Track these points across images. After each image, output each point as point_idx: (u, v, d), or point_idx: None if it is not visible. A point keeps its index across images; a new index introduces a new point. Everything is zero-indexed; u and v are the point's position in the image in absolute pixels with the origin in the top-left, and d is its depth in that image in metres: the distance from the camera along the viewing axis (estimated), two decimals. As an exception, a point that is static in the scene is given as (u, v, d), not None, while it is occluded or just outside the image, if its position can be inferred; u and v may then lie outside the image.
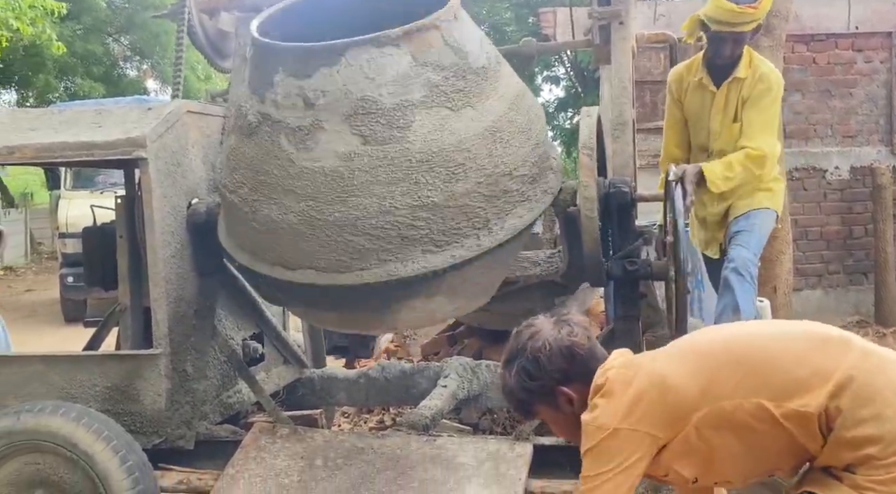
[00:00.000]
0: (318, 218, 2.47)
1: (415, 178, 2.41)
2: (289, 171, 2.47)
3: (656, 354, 1.88)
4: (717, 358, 1.75)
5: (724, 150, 3.51)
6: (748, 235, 3.41)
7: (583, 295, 4.75)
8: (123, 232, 3.11)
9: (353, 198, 2.42)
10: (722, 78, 3.49)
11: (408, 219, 2.43)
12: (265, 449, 2.89)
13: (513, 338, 1.87)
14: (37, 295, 12.24)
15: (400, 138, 2.39)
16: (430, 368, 3.68)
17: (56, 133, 2.90)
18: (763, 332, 1.90)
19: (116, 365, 2.89)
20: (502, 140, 2.52)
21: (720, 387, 1.69)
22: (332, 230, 2.47)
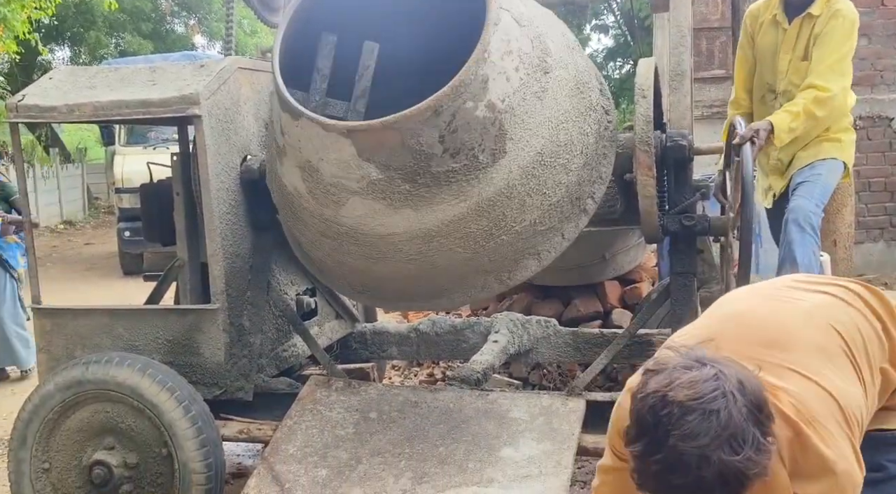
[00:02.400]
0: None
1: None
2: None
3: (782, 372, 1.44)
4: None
5: (790, 91, 3.40)
6: (811, 186, 3.29)
7: (635, 251, 4.69)
8: (180, 189, 3.16)
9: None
10: (796, 14, 3.38)
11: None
12: (321, 402, 2.95)
13: (668, 408, 1.28)
14: (95, 248, 12.62)
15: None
16: (481, 323, 3.70)
17: (113, 91, 2.93)
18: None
19: (177, 318, 2.97)
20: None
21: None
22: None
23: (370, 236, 2.50)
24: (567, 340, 3.58)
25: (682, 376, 1.28)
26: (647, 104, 2.52)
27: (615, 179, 2.77)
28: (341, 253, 2.64)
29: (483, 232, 2.47)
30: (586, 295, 4.72)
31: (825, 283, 1.66)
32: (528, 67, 2.38)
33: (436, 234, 2.45)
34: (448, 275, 2.61)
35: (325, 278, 3.09)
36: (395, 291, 2.81)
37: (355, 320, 3.86)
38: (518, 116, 2.37)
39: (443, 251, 2.49)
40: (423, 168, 2.35)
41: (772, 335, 1.48)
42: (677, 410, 1.25)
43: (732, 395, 1.26)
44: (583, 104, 2.56)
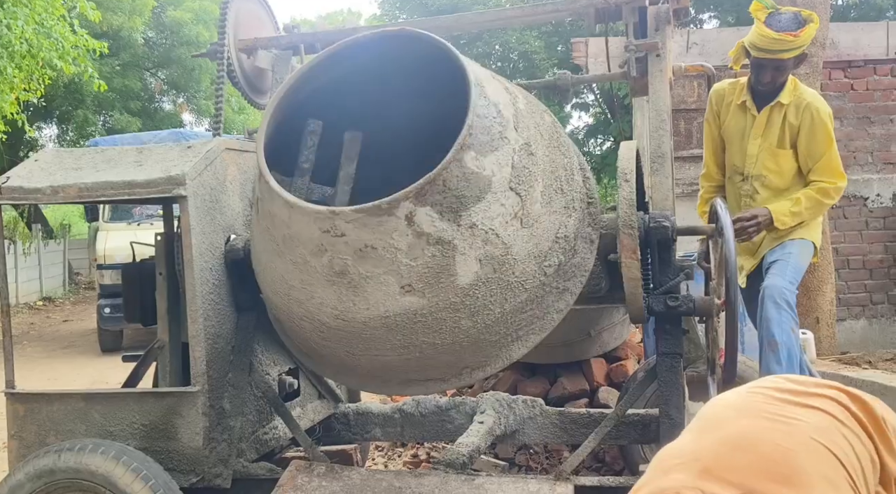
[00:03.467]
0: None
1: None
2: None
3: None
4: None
5: (764, 175, 3.53)
6: (784, 264, 3.38)
7: (620, 328, 4.68)
8: (163, 269, 3.14)
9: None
10: (764, 102, 3.52)
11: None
12: (302, 488, 2.86)
13: None
14: (74, 325, 12.43)
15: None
16: (466, 403, 3.64)
17: (98, 172, 2.95)
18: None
19: (155, 402, 2.89)
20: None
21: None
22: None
23: (351, 324, 2.48)
24: (554, 421, 3.53)
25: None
26: (629, 188, 2.56)
27: (599, 259, 2.79)
28: (334, 342, 2.61)
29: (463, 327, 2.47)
30: (572, 373, 4.68)
31: (814, 394, 1.53)
32: (513, 182, 2.42)
33: (417, 324, 2.44)
34: (433, 363, 2.59)
35: (313, 365, 3.06)
36: (388, 379, 2.79)
37: (338, 400, 3.78)
38: (498, 237, 2.40)
39: (425, 341, 2.48)
40: (390, 259, 2.35)
41: (780, 468, 1.37)
42: None
43: None
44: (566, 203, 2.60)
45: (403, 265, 2.33)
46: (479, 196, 2.33)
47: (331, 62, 2.65)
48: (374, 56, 2.67)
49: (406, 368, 2.64)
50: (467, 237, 2.34)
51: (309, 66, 2.66)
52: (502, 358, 2.65)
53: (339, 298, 2.42)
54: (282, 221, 2.44)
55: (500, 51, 18.41)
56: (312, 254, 2.39)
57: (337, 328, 2.50)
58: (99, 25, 11.38)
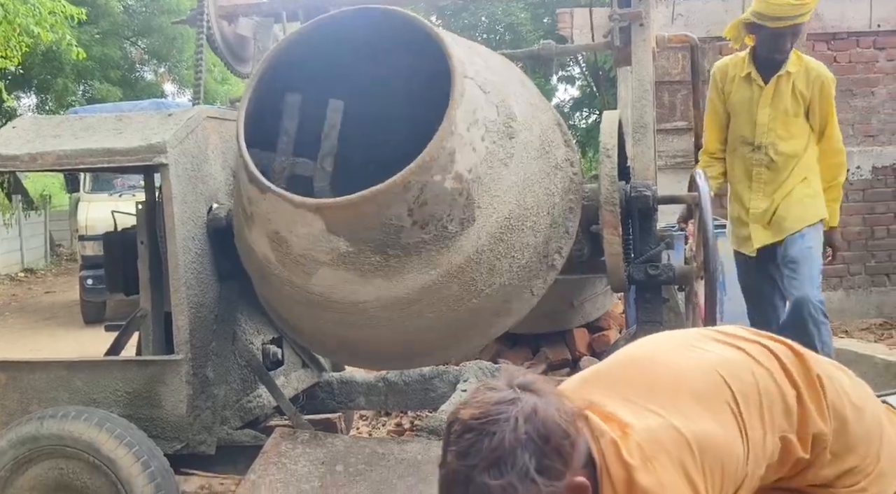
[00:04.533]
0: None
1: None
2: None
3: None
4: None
5: (776, 144, 3.58)
6: (808, 267, 3.45)
7: (602, 298, 4.73)
8: (144, 238, 3.12)
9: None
10: (770, 73, 3.55)
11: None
12: (286, 455, 2.89)
13: (464, 438, 1.25)
14: (56, 296, 12.35)
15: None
16: (449, 372, 3.67)
17: (77, 139, 2.91)
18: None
19: (138, 370, 2.90)
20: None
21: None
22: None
23: (341, 304, 2.50)
24: (536, 389, 3.57)
25: (481, 396, 1.29)
26: (611, 164, 2.58)
27: (581, 229, 2.81)
28: (312, 319, 2.62)
29: (454, 297, 2.48)
30: (555, 343, 4.73)
31: (748, 340, 1.57)
32: (494, 135, 2.42)
33: (407, 302, 2.46)
34: (421, 340, 2.61)
35: (297, 337, 3.07)
36: (368, 354, 2.80)
37: (322, 369, 3.81)
38: (485, 185, 2.41)
39: (414, 317, 2.49)
40: (392, 240, 2.36)
41: (656, 377, 1.44)
42: (459, 427, 1.26)
43: (515, 421, 1.23)
44: (549, 164, 2.61)
45: (400, 245, 2.34)
46: (472, 168, 2.33)
47: (313, 35, 2.62)
48: (357, 30, 2.65)
49: (400, 344, 2.65)
50: (464, 209, 2.35)
51: (291, 39, 2.63)
52: (490, 330, 2.68)
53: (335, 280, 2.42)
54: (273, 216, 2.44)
55: (486, 22, 18.23)
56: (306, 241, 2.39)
57: (333, 309, 2.50)
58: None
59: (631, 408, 1.37)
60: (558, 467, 1.25)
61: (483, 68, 2.49)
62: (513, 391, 1.28)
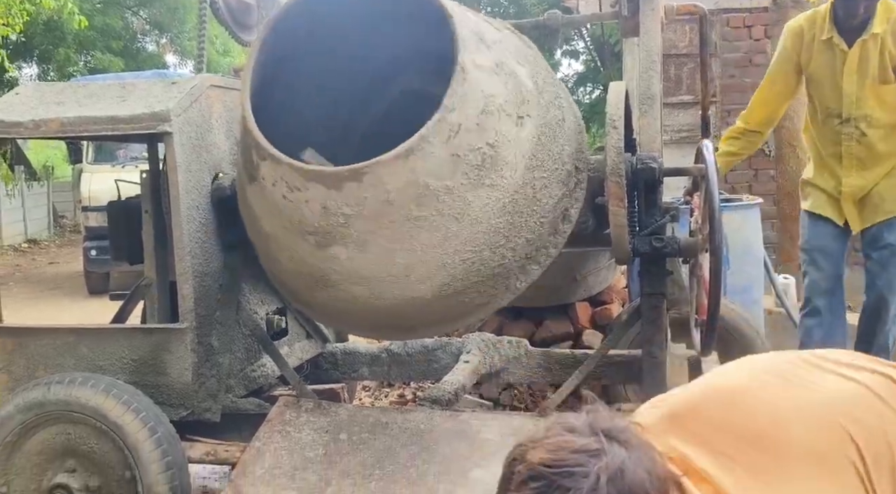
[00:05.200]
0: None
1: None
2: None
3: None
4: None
5: (870, 116, 3.24)
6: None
7: (605, 272, 4.73)
8: (149, 206, 3.12)
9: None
10: (855, 35, 3.18)
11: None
12: (290, 423, 2.91)
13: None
14: (60, 267, 12.39)
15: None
16: (452, 344, 3.69)
17: (81, 107, 2.90)
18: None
19: (143, 338, 2.92)
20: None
21: None
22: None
23: (348, 273, 2.49)
24: (538, 361, 3.59)
25: (556, 437, 1.05)
26: (617, 135, 2.55)
27: (586, 202, 2.80)
28: (317, 288, 2.62)
29: (464, 267, 2.47)
30: (557, 317, 4.74)
31: (863, 368, 1.25)
32: (505, 108, 2.39)
33: (413, 273, 2.44)
34: (425, 311, 2.61)
35: (301, 307, 3.07)
36: (372, 323, 2.81)
37: (326, 340, 3.83)
38: (503, 143, 2.38)
39: (420, 289, 2.49)
40: (403, 207, 2.34)
41: (758, 427, 1.15)
42: (524, 471, 1.02)
43: (597, 479, 0.99)
44: (559, 126, 2.59)
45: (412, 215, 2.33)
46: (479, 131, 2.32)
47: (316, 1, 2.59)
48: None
49: (402, 317, 2.65)
50: (480, 166, 2.34)
51: (293, 4, 2.60)
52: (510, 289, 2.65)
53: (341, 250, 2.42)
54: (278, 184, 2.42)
55: (491, -6, 18.05)
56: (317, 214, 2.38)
57: (339, 277, 2.49)
58: (77, -40, 11.02)
59: (732, 471, 1.12)
60: None
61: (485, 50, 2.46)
62: (596, 439, 1.03)
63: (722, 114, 6.64)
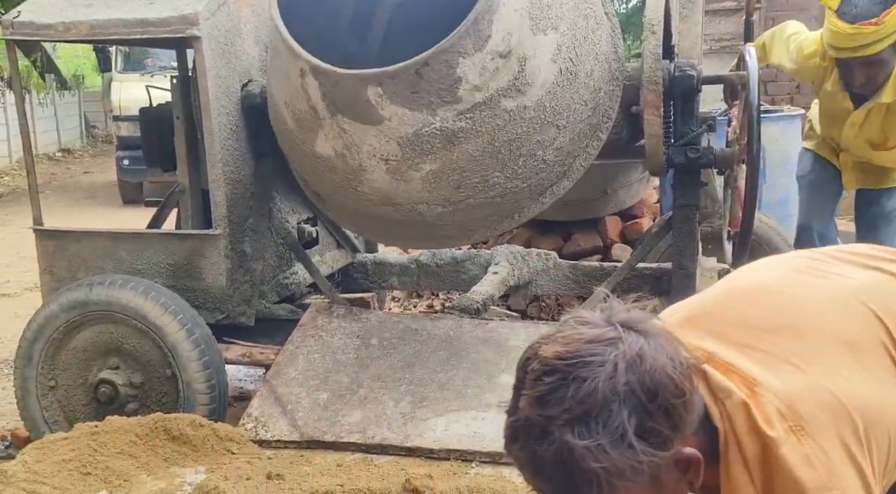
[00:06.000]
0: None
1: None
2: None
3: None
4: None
5: (867, 158, 3.21)
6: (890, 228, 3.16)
7: (637, 186, 4.67)
8: (180, 113, 3.12)
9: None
10: (862, 99, 2.99)
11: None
12: (322, 328, 2.99)
13: (538, 380, 0.97)
14: (94, 177, 12.57)
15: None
16: (481, 255, 3.71)
17: (110, 9, 2.86)
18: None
19: (179, 243, 2.97)
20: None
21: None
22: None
23: (380, 184, 2.48)
24: (566, 273, 3.60)
25: (569, 330, 0.98)
26: (656, 41, 2.46)
27: (621, 111, 2.74)
28: (348, 195, 2.62)
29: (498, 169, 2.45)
30: (587, 230, 4.72)
31: (885, 259, 1.23)
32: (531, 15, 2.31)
33: (451, 176, 2.43)
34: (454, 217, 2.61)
35: (330, 213, 3.09)
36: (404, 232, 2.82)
37: (356, 250, 3.87)
38: (525, 66, 2.32)
39: (459, 192, 2.47)
40: (441, 104, 2.30)
41: (784, 318, 1.11)
42: (538, 367, 0.96)
43: (614, 367, 0.93)
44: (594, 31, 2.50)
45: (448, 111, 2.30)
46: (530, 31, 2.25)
47: None
48: None
49: (449, 222, 2.64)
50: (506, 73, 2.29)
51: None
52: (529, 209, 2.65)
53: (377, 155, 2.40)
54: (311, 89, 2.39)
55: None
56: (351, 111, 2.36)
57: (365, 186, 2.50)
58: None
59: (758, 359, 1.06)
60: (665, 432, 0.94)
61: None
62: (613, 328, 0.97)
63: (766, 21, 6.35)
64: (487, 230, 2.85)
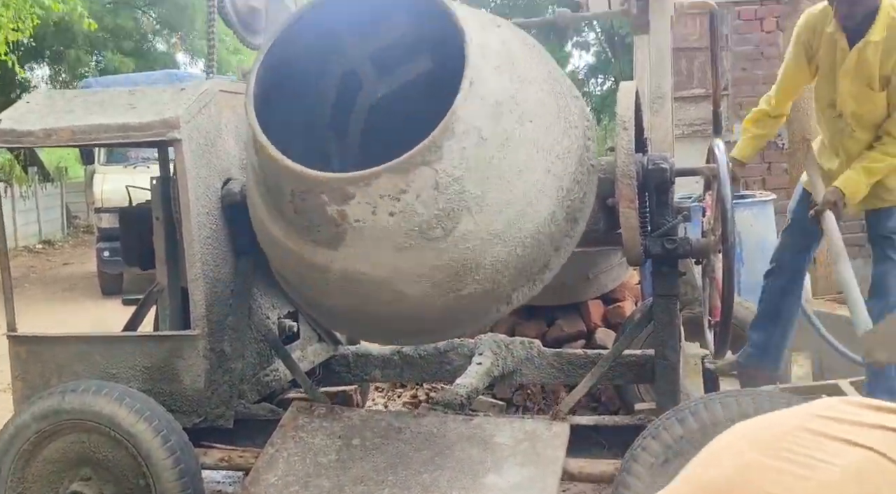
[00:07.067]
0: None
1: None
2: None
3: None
4: None
5: (860, 115, 3.25)
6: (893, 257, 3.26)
7: (618, 270, 4.70)
8: (159, 213, 3.13)
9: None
10: (856, 37, 3.15)
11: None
12: (303, 428, 2.92)
13: None
14: (74, 268, 12.47)
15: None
16: (464, 345, 3.68)
17: (91, 115, 2.91)
18: None
19: (156, 345, 2.92)
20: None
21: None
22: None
23: (357, 280, 2.48)
24: (551, 361, 3.57)
25: None
26: (628, 136, 2.52)
27: (598, 203, 2.77)
28: (327, 294, 2.61)
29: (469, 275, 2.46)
30: (570, 315, 4.72)
31: (869, 425, 1.08)
32: (508, 113, 2.36)
33: (426, 278, 2.43)
34: (439, 316, 2.60)
35: (311, 312, 3.07)
36: (382, 330, 2.81)
37: (337, 342, 3.83)
38: (498, 163, 2.35)
39: (433, 294, 2.47)
40: (408, 217, 2.32)
41: None
42: None
43: None
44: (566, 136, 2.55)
45: (421, 214, 2.32)
46: (494, 140, 2.29)
47: (323, 8, 2.58)
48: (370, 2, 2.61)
49: (416, 321, 2.64)
50: (482, 180, 2.32)
51: (300, 13, 2.59)
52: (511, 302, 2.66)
53: (356, 256, 2.41)
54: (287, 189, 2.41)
55: (500, -13, 17.98)
56: (324, 219, 2.37)
57: (359, 282, 2.49)
58: (87, -38, 11.06)
59: None
60: None
61: (497, 46, 2.42)
62: None
63: (734, 107, 6.57)
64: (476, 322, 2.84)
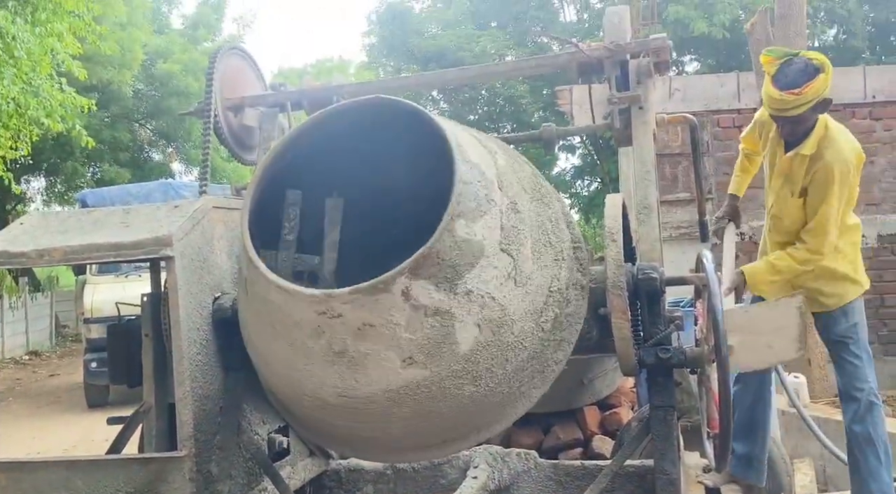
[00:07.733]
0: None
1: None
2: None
3: None
4: None
5: (780, 219, 3.49)
6: (856, 345, 3.39)
7: (612, 375, 4.65)
8: (149, 329, 3.10)
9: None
10: (791, 146, 3.43)
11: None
12: (292, 554, 2.79)
13: None
14: (61, 379, 12.25)
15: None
16: (459, 458, 3.59)
17: (84, 235, 2.93)
18: None
19: (140, 468, 2.82)
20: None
21: None
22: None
23: (348, 399, 2.45)
24: (548, 474, 3.48)
25: None
26: (616, 248, 2.56)
27: (590, 312, 2.78)
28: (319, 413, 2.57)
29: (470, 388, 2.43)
30: (566, 422, 4.64)
31: None
32: (504, 243, 2.40)
33: (421, 395, 2.40)
34: (433, 433, 2.56)
35: (303, 431, 3.01)
36: (375, 447, 2.75)
37: (329, 457, 3.72)
38: (494, 300, 2.36)
39: (431, 410, 2.44)
40: (398, 335, 2.31)
41: None
42: None
43: None
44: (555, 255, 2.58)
45: (403, 339, 2.30)
46: (473, 262, 2.30)
47: (313, 130, 2.66)
48: (358, 120, 2.70)
49: (412, 436, 2.59)
50: (464, 304, 2.31)
51: (294, 134, 2.67)
52: (508, 415, 2.63)
53: (340, 377, 2.38)
54: (275, 306, 2.42)
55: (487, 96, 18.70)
56: (310, 337, 2.36)
57: (340, 405, 2.46)
58: (88, 79, 11.44)
59: None
60: None
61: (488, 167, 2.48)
62: None
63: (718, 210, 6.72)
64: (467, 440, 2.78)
